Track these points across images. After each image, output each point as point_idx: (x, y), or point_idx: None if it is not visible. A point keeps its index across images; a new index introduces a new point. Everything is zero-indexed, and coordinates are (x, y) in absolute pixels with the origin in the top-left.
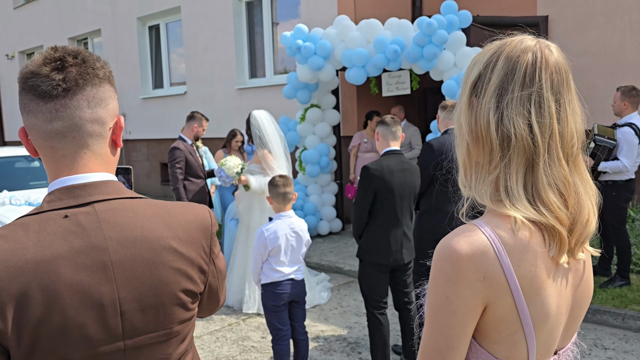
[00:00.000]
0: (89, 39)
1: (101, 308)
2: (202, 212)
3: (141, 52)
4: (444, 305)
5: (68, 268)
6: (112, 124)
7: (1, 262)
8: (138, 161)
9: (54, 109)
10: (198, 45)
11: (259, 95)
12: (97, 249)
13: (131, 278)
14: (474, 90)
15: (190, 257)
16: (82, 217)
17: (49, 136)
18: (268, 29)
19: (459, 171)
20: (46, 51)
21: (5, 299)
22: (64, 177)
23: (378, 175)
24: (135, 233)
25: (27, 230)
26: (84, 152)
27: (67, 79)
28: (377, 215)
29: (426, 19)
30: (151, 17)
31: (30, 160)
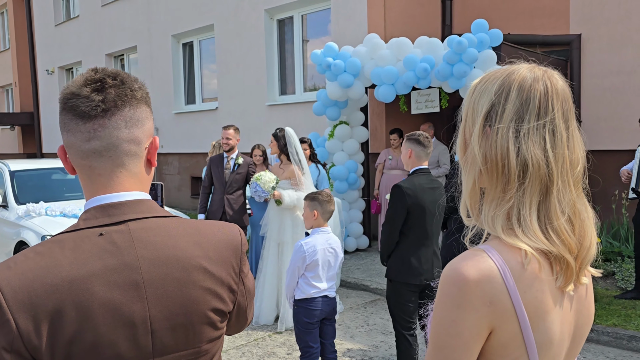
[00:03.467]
0: (125, 56)
1: (132, 326)
2: (233, 232)
3: (175, 68)
4: (450, 328)
5: (101, 286)
6: (147, 143)
7: (37, 279)
8: (169, 174)
9: (92, 128)
10: (230, 62)
11: (289, 112)
12: (129, 268)
13: (162, 297)
14: (487, 120)
15: (220, 277)
16: (116, 235)
17: (86, 155)
18: (298, 47)
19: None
20: (87, 72)
21: (40, 315)
22: (100, 195)
23: (411, 194)
24: (167, 252)
25: (63, 247)
26: (120, 171)
27: (106, 100)
28: (408, 234)
29: (456, 38)
30: (185, 35)
31: (66, 173)
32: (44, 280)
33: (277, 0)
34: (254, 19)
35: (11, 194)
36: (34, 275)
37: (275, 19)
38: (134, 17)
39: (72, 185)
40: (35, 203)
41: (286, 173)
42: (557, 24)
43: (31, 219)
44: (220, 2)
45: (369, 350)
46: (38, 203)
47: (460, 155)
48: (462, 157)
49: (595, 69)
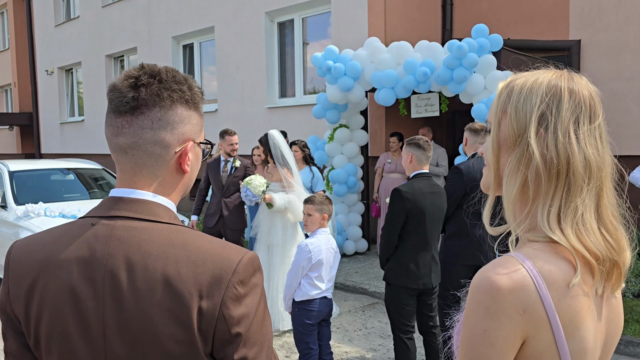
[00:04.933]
0: (125, 57)
1: (86, 324)
2: (230, 257)
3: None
4: (482, 338)
5: (69, 274)
6: (179, 148)
7: (29, 254)
8: None
9: (120, 124)
10: (230, 64)
11: (288, 115)
12: (96, 263)
13: (118, 302)
14: (541, 123)
15: (184, 301)
16: (101, 228)
17: (114, 149)
18: (299, 50)
19: (501, 206)
20: (134, 67)
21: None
22: (118, 188)
23: (410, 197)
24: (136, 257)
25: (59, 229)
26: (139, 171)
27: (137, 98)
28: (407, 238)
29: (457, 42)
30: (186, 37)
31: (65, 174)
32: (31, 256)
33: (278, 3)
34: (255, 21)
35: (10, 195)
36: (28, 250)
37: (275, 21)
38: (134, 19)
39: (71, 186)
40: (34, 204)
41: (275, 176)
42: (557, 30)
43: (30, 220)
44: (220, 5)
45: (367, 353)
46: (37, 204)
47: (494, 162)
48: (495, 162)
49: (594, 75)
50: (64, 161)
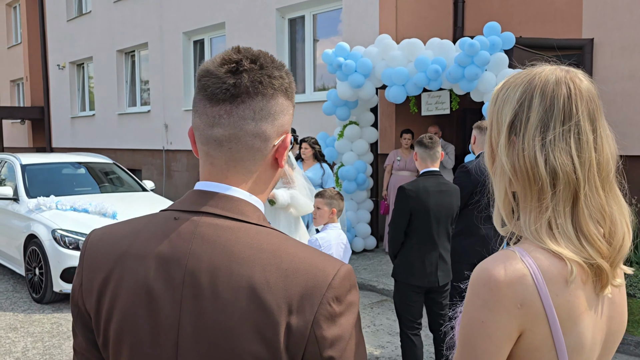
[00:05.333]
0: (136, 52)
1: (159, 328)
2: (324, 268)
3: (185, 65)
4: (479, 329)
5: (146, 271)
6: (277, 141)
7: (105, 245)
8: (178, 171)
9: (217, 114)
10: None
11: (298, 111)
12: (176, 262)
13: (197, 307)
14: (512, 130)
15: (272, 315)
16: (185, 224)
17: (206, 141)
18: (309, 46)
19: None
20: (228, 50)
21: (95, 280)
22: (204, 181)
23: (413, 195)
24: (221, 259)
25: (140, 222)
26: (234, 166)
27: (238, 85)
28: (413, 236)
29: (468, 40)
30: (196, 32)
31: (76, 168)
32: (108, 247)
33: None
34: (265, 17)
35: (22, 188)
36: (106, 240)
37: (286, 18)
38: (145, 14)
39: (82, 180)
40: (46, 197)
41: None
42: (570, 28)
43: (42, 213)
44: (231, 1)
45: (375, 350)
46: (49, 197)
47: (489, 165)
48: (490, 167)
49: (607, 73)
50: (76, 155)
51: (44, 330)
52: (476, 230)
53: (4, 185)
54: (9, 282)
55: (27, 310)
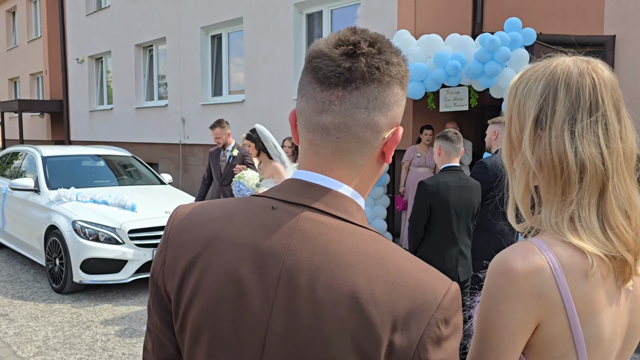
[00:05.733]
0: (154, 47)
1: (246, 323)
2: (436, 287)
3: (203, 60)
4: (496, 319)
5: (238, 260)
6: (388, 133)
7: (194, 226)
8: (194, 165)
9: (328, 99)
10: (258, 55)
11: None
12: (273, 255)
13: (291, 308)
14: (537, 124)
15: (374, 329)
16: (284, 215)
17: (312, 127)
18: None
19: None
20: (344, 31)
21: (179, 261)
22: (305, 170)
23: (434, 191)
24: (322, 260)
25: (233, 206)
26: (340, 157)
27: (354, 69)
28: (432, 231)
29: (489, 36)
30: (214, 27)
31: (95, 160)
32: (197, 228)
33: None
34: (283, 13)
35: (43, 179)
36: (195, 221)
37: (304, 13)
38: (163, 9)
39: (101, 173)
40: (66, 189)
41: (268, 171)
42: (591, 25)
43: (62, 204)
44: None
45: None
46: (69, 189)
47: (507, 161)
48: (509, 162)
49: (629, 71)
50: (95, 148)
51: (64, 320)
52: (492, 226)
53: (25, 176)
54: (29, 272)
55: (48, 300)
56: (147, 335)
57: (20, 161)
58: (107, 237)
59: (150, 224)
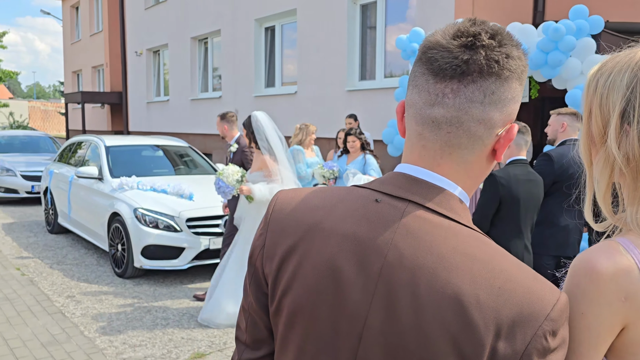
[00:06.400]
0: (209, 39)
1: (343, 314)
2: (543, 294)
3: (256, 51)
4: (578, 320)
5: (338, 250)
6: (502, 130)
7: (295, 212)
8: None
9: (442, 92)
10: (310, 47)
11: (368, 98)
12: (374, 249)
13: (391, 305)
14: (624, 118)
15: (477, 334)
16: (387, 209)
17: (422, 120)
18: (381, 32)
19: (585, 202)
20: (463, 22)
21: (283, 247)
22: (410, 164)
23: (505, 183)
24: (426, 259)
25: (334, 196)
26: (449, 153)
27: (472, 62)
28: (499, 225)
29: (553, 24)
30: (268, 19)
31: (154, 150)
32: (298, 215)
33: None
34: (337, 3)
35: (106, 168)
36: (296, 208)
37: (358, 3)
38: (219, 2)
39: (159, 162)
40: (127, 177)
41: (257, 164)
42: None
43: (124, 192)
44: None
45: None
46: (130, 177)
47: (586, 157)
48: (587, 158)
49: None
50: (154, 138)
51: (126, 303)
52: (557, 221)
53: (89, 165)
54: (93, 257)
55: (110, 283)
56: (240, 314)
57: (84, 150)
58: (166, 224)
59: (207, 213)
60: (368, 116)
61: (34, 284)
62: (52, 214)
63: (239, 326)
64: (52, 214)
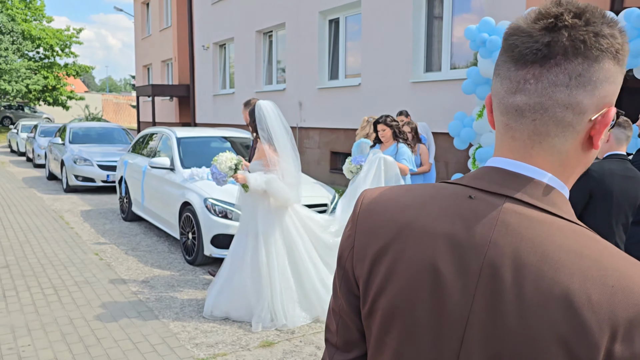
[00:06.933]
0: (273, 32)
1: (443, 316)
2: None
3: (320, 44)
4: None
5: (434, 250)
6: (595, 115)
7: (384, 211)
8: (310, 148)
9: (523, 78)
10: (375, 38)
11: (433, 90)
12: (473, 248)
13: (493, 306)
14: None
15: (589, 335)
16: (483, 205)
17: (506, 110)
18: (447, 22)
19: None
20: (547, 4)
21: (368, 250)
22: (501, 157)
23: (597, 177)
24: (529, 257)
25: (420, 191)
26: (538, 142)
27: (553, 44)
28: (588, 221)
29: (637, 11)
30: (332, 11)
31: (222, 142)
32: (389, 215)
33: None
34: None
35: (178, 159)
36: (385, 207)
37: None
38: None
39: None
40: (198, 168)
41: (258, 153)
42: None
43: (195, 182)
44: None
45: None
46: (200, 168)
47: None
48: None
49: None
50: (221, 130)
51: (197, 290)
52: None
53: (161, 156)
54: (164, 244)
55: (182, 270)
56: (330, 316)
57: (156, 142)
58: (235, 215)
59: None
60: (433, 108)
61: (111, 268)
62: (127, 203)
63: (329, 328)
64: (127, 202)
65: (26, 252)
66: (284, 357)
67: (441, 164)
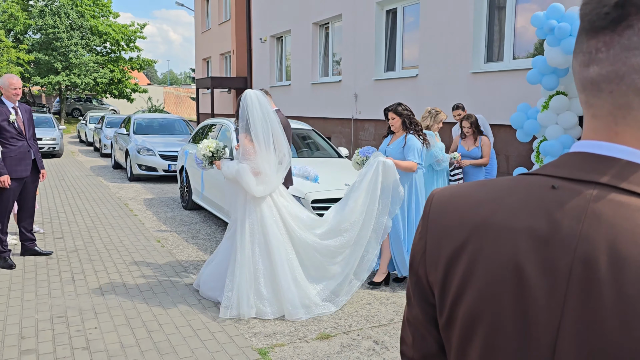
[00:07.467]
0: (330, 24)
1: (529, 321)
2: None
3: (377, 35)
4: None
5: (515, 248)
6: None
7: (457, 209)
8: (365, 140)
9: (594, 47)
10: (433, 28)
11: (494, 80)
12: (560, 243)
13: (589, 306)
14: None
15: None
16: (568, 196)
17: (582, 86)
18: (511, 10)
19: None
20: None
21: (443, 249)
22: (587, 140)
23: None
24: (630, 249)
25: (495, 185)
26: (622, 116)
27: (623, 3)
28: None
29: None
30: (390, 2)
31: None
32: (461, 213)
33: None
34: None
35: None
36: (456, 205)
37: None
38: None
39: None
40: None
41: (241, 141)
42: None
43: None
44: None
45: None
46: None
47: None
48: None
49: None
50: None
51: None
52: None
53: None
54: (223, 233)
55: None
56: (405, 327)
57: (215, 133)
58: None
59: (332, 195)
60: (494, 100)
61: (173, 255)
62: (187, 192)
63: (404, 340)
64: (187, 191)
65: (93, 238)
66: (342, 350)
67: (502, 157)
